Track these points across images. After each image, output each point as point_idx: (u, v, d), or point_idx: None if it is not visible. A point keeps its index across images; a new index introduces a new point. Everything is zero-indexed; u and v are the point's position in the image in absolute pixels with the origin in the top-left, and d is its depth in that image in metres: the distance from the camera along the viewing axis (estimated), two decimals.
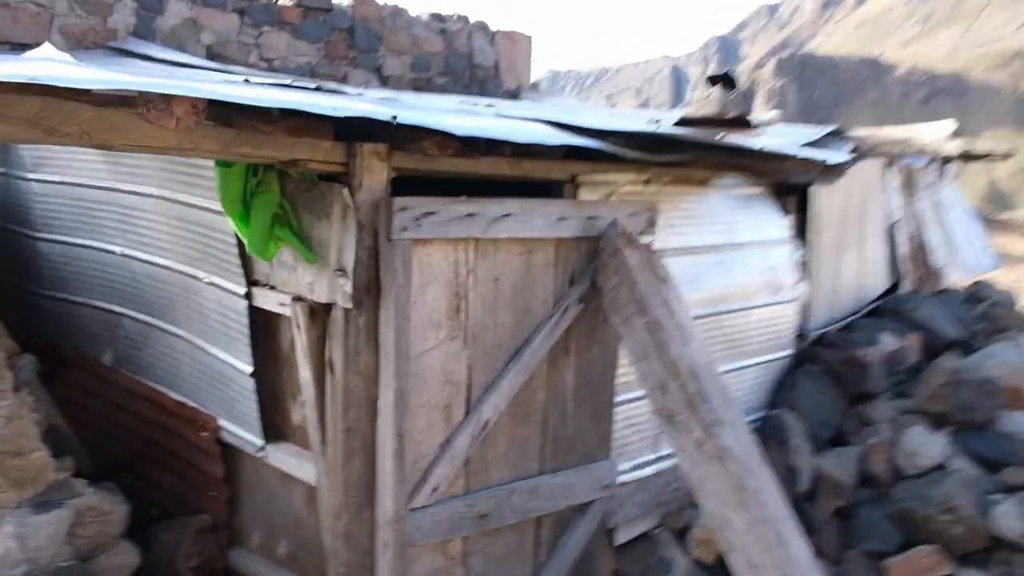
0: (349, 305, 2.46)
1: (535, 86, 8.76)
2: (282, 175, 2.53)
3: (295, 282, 2.62)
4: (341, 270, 2.46)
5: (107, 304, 3.68)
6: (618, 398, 3.20)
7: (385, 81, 7.20)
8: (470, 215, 2.55)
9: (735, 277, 3.84)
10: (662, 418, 2.58)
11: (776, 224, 4.12)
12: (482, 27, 8.21)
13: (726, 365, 3.77)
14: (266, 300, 2.74)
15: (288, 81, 3.15)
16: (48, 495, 2.78)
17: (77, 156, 3.64)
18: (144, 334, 3.52)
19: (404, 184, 2.61)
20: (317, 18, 6.69)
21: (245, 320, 2.83)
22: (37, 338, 4.04)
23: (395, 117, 2.16)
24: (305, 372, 2.61)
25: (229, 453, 3.15)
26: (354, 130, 2.42)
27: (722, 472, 2.42)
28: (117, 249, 3.54)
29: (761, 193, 4.14)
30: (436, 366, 2.58)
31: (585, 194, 3.07)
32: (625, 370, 3.12)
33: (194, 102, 1.96)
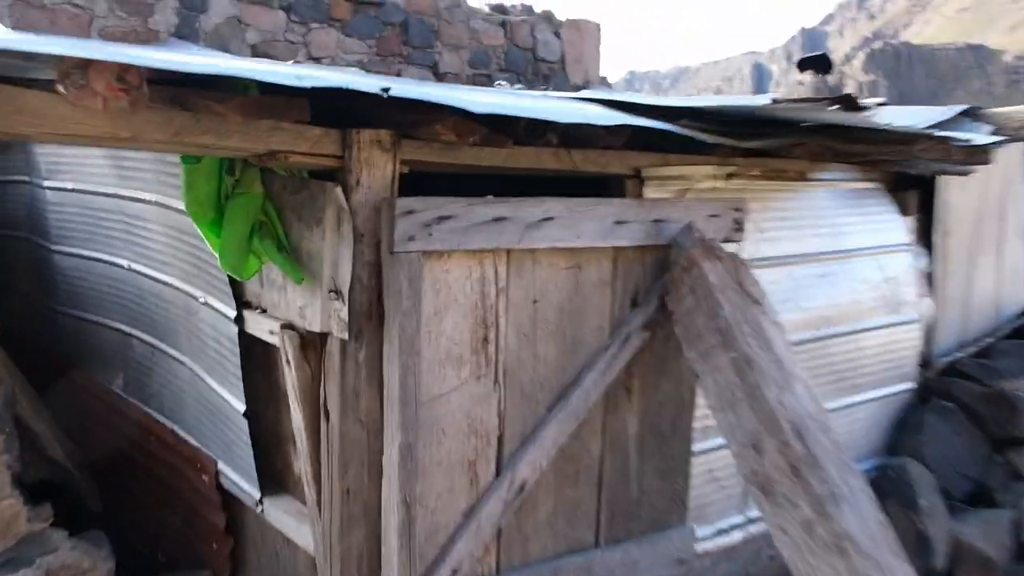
0: (346, 336, 1.94)
1: (605, 80, 8.12)
2: (266, 173, 2.05)
3: (285, 306, 2.13)
4: (336, 291, 1.94)
5: (117, 324, 3.33)
6: (696, 446, 2.55)
7: (441, 78, 6.74)
8: (499, 219, 1.98)
9: (843, 293, 3.12)
10: (755, 487, 1.93)
11: (893, 226, 3.36)
12: (547, 18, 7.65)
13: (832, 402, 3.05)
14: (257, 326, 2.26)
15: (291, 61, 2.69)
16: (18, 550, 2.40)
17: (85, 160, 3.31)
18: (151, 358, 3.13)
19: (420, 182, 2.07)
20: (368, 13, 6.31)
21: (236, 349, 2.36)
22: (55, 359, 3.77)
23: (387, 89, 1.62)
24: (297, 417, 2.11)
25: (231, 502, 2.69)
26: (352, 114, 1.91)
27: (841, 568, 1.75)
28: (124, 263, 3.18)
29: (873, 188, 3.39)
30: (457, 413, 2.02)
31: (652, 192, 2.46)
32: (705, 411, 2.48)
33: (122, 73, 1.48)
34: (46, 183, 3.62)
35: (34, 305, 3.89)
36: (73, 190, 3.45)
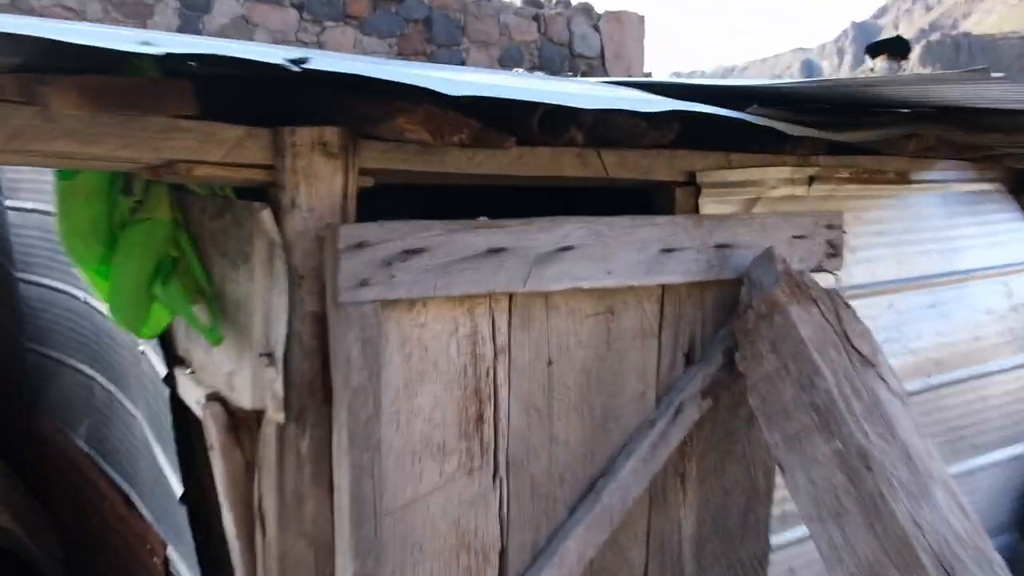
0: (282, 417, 1.38)
1: (649, 76, 7.48)
2: (179, 191, 1.51)
3: (212, 369, 1.59)
4: (268, 355, 1.39)
5: (79, 364, 2.87)
6: (773, 539, 1.92)
7: None
8: (495, 251, 1.40)
9: (960, 327, 2.43)
10: None
11: (1021, 238, 2.66)
12: (585, 10, 7.04)
13: (948, 467, 2.37)
14: (187, 391, 1.72)
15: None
16: None
17: (44, 175, 2.85)
18: (110, 408, 2.65)
19: (390, 201, 1.51)
20: (388, 9, 5.81)
21: (169, 416, 1.84)
22: (21, 401, 3.34)
23: (300, 61, 1.06)
24: (228, 520, 1.57)
25: None
26: (299, 110, 1.37)
27: None
28: (81, 294, 2.71)
29: (992, 190, 2.69)
30: (440, 523, 1.44)
31: (711, 205, 1.84)
32: (785, 492, 1.85)
33: None
34: (7, 202, 3.20)
35: (4, 339, 3.48)
36: (32, 210, 3.01)
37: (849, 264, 2.22)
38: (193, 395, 1.67)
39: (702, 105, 1.54)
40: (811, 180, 2.11)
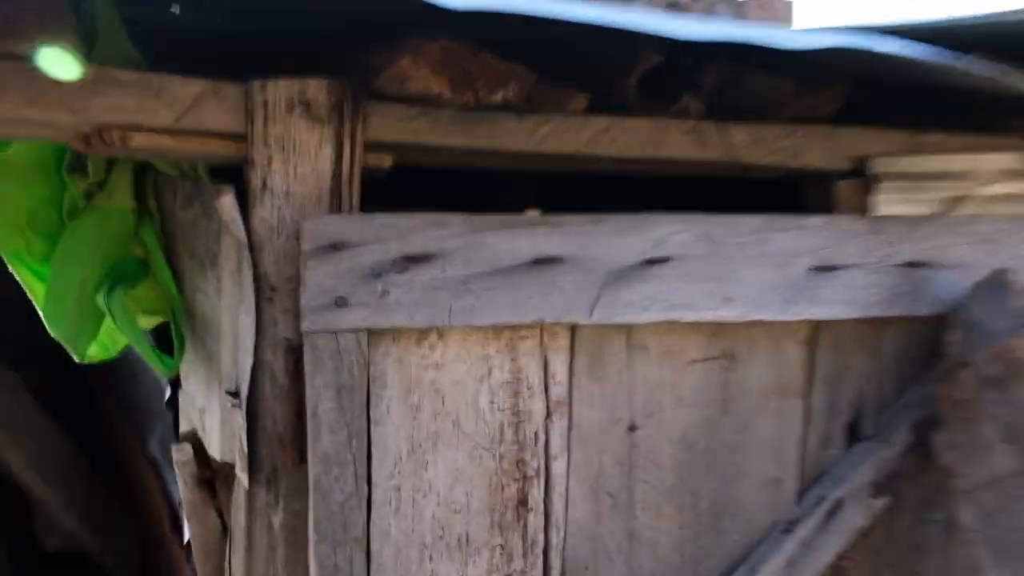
0: (247, 481, 1.00)
1: None
2: (149, 172, 1.17)
3: (191, 399, 1.24)
4: (235, 394, 1.01)
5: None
6: None
7: None
8: (547, 261, 0.93)
9: None
10: None
11: None
12: None
13: None
14: (185, 417, 1.40)
15: None
16: None
17: None
18: (172, 419, 2.45)
19: (414, 186, 1.10)
20: None
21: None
22: (108, 403, 3.28)
23: None
24: None
25: None
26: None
27: None
28: None
29: None
30: None
31: (890, 204, 1.27)
32: None
33: None
34: None
35: None
36: None
37: None
38: (187, 422, 1.35)
39: (898, 41, 0.99)
40: None
